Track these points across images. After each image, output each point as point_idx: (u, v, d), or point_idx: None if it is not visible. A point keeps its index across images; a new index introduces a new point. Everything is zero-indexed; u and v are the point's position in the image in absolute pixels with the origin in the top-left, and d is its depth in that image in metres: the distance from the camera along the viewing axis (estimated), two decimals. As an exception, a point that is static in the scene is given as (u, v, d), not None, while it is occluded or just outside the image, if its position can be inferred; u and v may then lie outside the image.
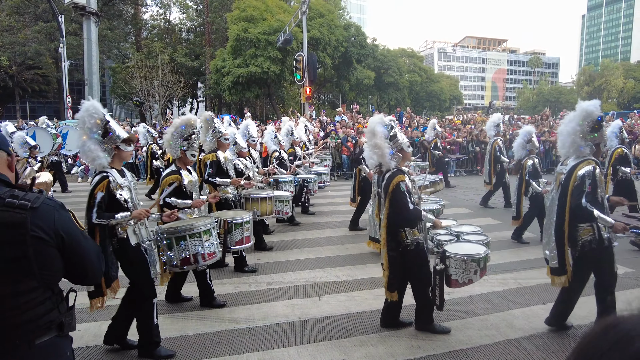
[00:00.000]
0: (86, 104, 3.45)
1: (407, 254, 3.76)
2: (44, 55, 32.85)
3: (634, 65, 70.09)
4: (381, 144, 3.78)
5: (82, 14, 15.75)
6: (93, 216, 3.29)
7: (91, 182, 3.44)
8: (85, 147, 3.39)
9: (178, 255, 3.77)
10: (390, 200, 3.71)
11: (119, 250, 3.47)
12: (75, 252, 1.72)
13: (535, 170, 6.63)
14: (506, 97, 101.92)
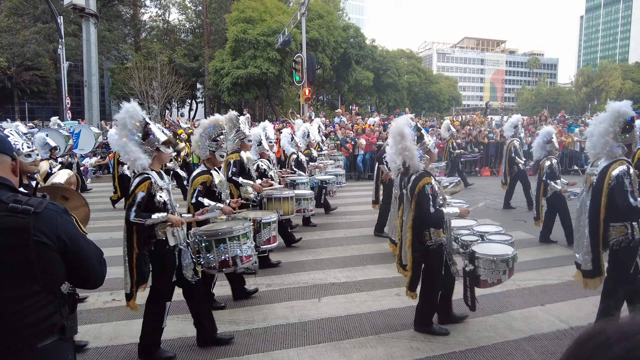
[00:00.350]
0: (127, 106, 3.49)
1: (428, 254, 3.81)
2: (43, 57, 32.84)
3: (632, 66, 70.26)
4: (411, 146, 3.80)
5: (81, 16, 15.76)
6: (131, 215, 3.31)
7: (132, 182, 3.48)
8: (127, 148, 3.42)
9: (217, 258, 3.81)
10: (416, 202, 3.75)
11: (154, 251, 3.51)
12: (78, 256, 1.73)
13: (552, 170, 6.58)
14: (505, 98, 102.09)
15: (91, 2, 15.51)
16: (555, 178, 6.59)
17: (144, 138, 3.45)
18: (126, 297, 3.50)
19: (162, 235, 3.45)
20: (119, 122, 3.48)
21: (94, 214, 9.22)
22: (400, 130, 3.83)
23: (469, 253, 3.77)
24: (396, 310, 4.45)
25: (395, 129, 3.89)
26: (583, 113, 38.53)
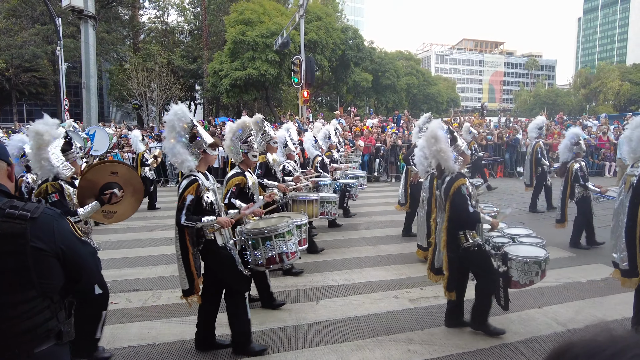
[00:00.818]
0: (175, 108, 3.54)
1: (469, 256, 3.84)
2: (41, 58, 32.80)
3: (629, 68, 70.43)
4: (446, 148, 3.85)
5: (79, 17, 15.73)
6: (182, 218, 3.36)
7: (179, 184, 3.51)
8: (175, 149, 3.47)
9: (264, 255, 3.87)
10: (451, 203, 3.78)
11: (204, 251, 3.56)
12: (74, 260, 1.73)
13: (583, 173, 6.48)
14: (503, 100, 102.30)
15: (89, 4, 15.49)
16: (585, 180, 6.46)
17: (191, 140, 3.52)
18: (184, 292, 3.56)
19: (211, 235, 3.52)
20: (167, 124, 3.54)
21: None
22: (434, 134, 3.88)
23: (502, 254, 3.81)
24: (394, 312, 4.46)
25: (429, 133, 3.95)
26: (581, 114, 38.61)
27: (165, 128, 3.61)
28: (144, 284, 5.34)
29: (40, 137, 3.37)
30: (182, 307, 4.62)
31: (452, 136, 4.01)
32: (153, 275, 5.64)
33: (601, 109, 54.48)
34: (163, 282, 5.40)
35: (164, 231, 7.93)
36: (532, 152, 9.44)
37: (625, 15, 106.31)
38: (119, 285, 5.29)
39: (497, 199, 10.91)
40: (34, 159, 3.46)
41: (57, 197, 3.31)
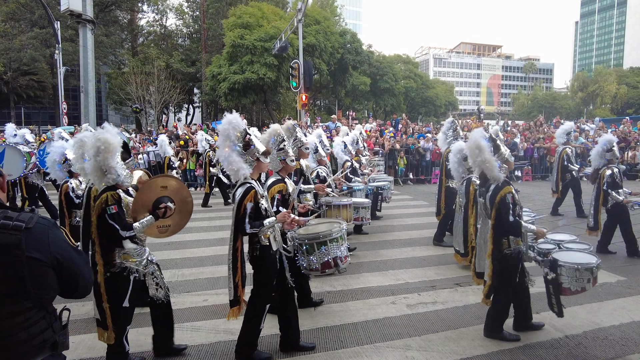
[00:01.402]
0: (229, 117, 3.58)
1: (504, 260, 3.84)
2: (40, 62, 32.82)
3: (626, 71, 70.81)
4: (490, 158, 3.87)
5: (77, 22, 15.74)
6: (247, 227, 3.40)
7: (234, 193, 3.55)
8: (231, 158, 3.52)
9: (319, 259, 3.94)
10: (497, 210, 3.79)
11: (259, 257, 3.57)
12: (70, 269, 1.73)
13: (614, 180, 6.37)
14: (501, 103, 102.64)
15: (88, 8, 15.51)
16: (617, 188, 6.35)
17: (245, 148, 3.56)
18: (231, 303, 3.54)
19: (266, 240, 3.55)
20: (221, 132, 3.58)
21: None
22: (478, 144, 3.90)
23: (551, 261, 3.78)
24: (391, 318, 4.45)
25: (471, 143, 3.96)
26: (578, 118, 38.73)
27: (219, 137, 3.64)
28: (141, 290, 5.32)
29: (108, 146, 3.36)
30: (179, 314, 4.60)
31: (494, 144, 4.01)
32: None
33: (599, 113, 54.68)
34: (160, 288, 5.38)
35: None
36: (559, 158, 9.29)
37: (622, 19, 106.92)
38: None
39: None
40: (94, 167, 3.42)
41: (116, 209, 3.29)
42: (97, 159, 3.36)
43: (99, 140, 3.35)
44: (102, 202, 3.29)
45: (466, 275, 5.72)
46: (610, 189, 6.38)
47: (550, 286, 3.78)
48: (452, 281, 5.52)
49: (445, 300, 4.91)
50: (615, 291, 5.21)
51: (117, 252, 3.39)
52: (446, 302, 4.87)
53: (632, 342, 3.95)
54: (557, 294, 3.78)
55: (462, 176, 5.81)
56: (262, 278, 3.61)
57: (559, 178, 9.32)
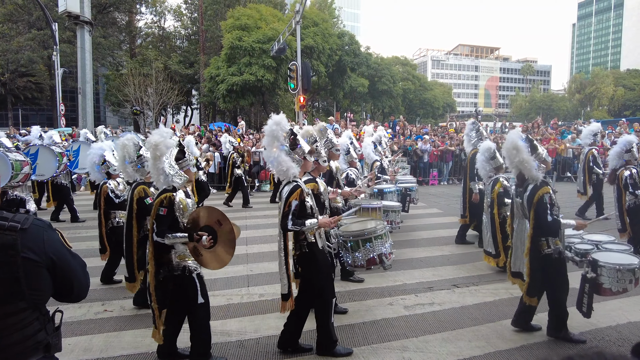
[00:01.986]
0: (276, 118, 3.66)
1: (549, 262, 3.85)
2: (37, 63, 32.77)
3: (623, 73, 71.07)
4: (528, 158, 3.89)
5: (75, 23, 15.76)
6: (289, 223, 3.49)
7: (281, 191, 3.65)
8: (280, 158, 3.60)
9: (365, 256, 4.00)
10: (535, 210, 3.81)
11: (308, 254, 3.62)
12: (64, 271, 1.73)
13: (634, 180, 6.27)
14: (499, 105, 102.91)
15: (86, 9, 15.53)
16: (635, 188, 6.26)
17: (292, 148, 3.66)
18: (283, 297, 3.66)
19: (312, 237, 3.63)
20: (269, 133, 3.63)
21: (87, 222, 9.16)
22: (515, 144, 3.92)
23: (591, 261, 3.78)
24: (389, 320, 4.45)
25: (509, 144, 3.97)
26: (576, 119, 38.87)
27: (266, 138, 3.70)
28: (138, 291, 5.31)
29: (156, 148, 3.46)
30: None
31: (531, 145, 4.04)
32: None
33: (596, 114, 54.86)
34: (157, 290, 5.37)
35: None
36: (585, 159, 9.15)
37: (618, 22, 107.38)
38: (113, 292, 5.26)
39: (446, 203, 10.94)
40: (153, 170, 3.57)
41: (164, 212, 3.37)
42: (151, 162, 3.53)
43: (148, 144, 3.51)
44: (157, 203, 3.42)
45: (463, 277, 5.73)
46: (630, 190, 6.27)
47: (586, 285, 3.75)
48: (449, 282, 5.53)
49: (442, 302, 4.91)
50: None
51: (173, 253, 3.47)
52: (443, 303, 4.88)
53: (628, 342, 3.96)
54: (592, 294, 3.75)
55: (489, 175, 5.83)
56: (315, 275, 3.68)
57: (586, 179, 9.13)
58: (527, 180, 3.96)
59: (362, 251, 4.00)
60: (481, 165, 5.95)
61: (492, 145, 6.04)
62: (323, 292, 3.67)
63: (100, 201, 5.34)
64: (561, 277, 3.91)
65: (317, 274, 3.67)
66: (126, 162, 4.54)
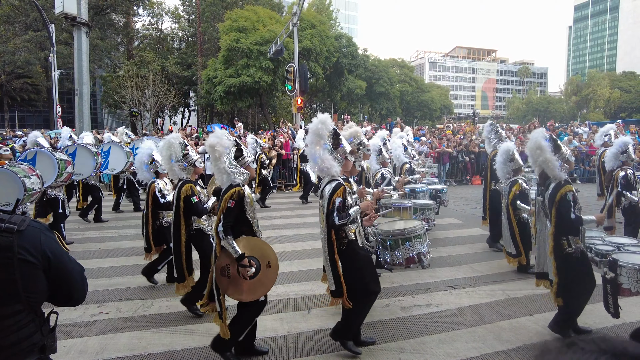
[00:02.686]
0: (320, 117, 3.75)
1: (572, 262, 3.87)
2: (34, 64, 32.68)
3: (619, 76, 71.49)
4: (551, 157, 3.92)
5: (72, 25, 15.72)
6: (336, 219, 3.54)
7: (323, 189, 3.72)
8: (324, 156, 3.68)
9: (404, 255, 4.10)
10: (557, 209, 3.83)
11: (348, 251, 3.67)
12: (62, 273, 1.72)
13: (628, 181, 6.32)
14: (496, 107, 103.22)
15: (83, 11, 15.50)
16: (631, 189, 6.30)
17: (334, 147, 3.76)
18: (332, 293, 3.69)
19: (352, 235, 3.69)
20: (314, 132, 3.71)
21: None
22: (539, 144, 3.96)
23: (611, 261, 3.79)
24: (385, 321, 4.45)
25: (532, 144, 4.01)
26: (572, 121, 39.05)
27: (310, 135, 3.76)
28: (134, 293, 5.29)
29: (214, 149, 3.58)
30: (173, 317, 4.59)
31: (555, 144, 4.06)
32: (144, 284, 5.59)
33: (592, 116, 55.14)
34: (154, 292, 5.35)
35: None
36: (599, 160, 9.03)
37: (614, 24, 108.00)
38: (109, 294, 5.24)
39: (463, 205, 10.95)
40: (215, 170, 3.69)
41: (233, 205, 3.53)
42: (213, 163, 3.62)
43: (206, 147, 3.62)
44: (227, 197, 3.52)
45: (460, 278, 5.74)
46: (625, 190, 6.35)
47: (608, 286, 3.77)
48: (446, 284, 5.53)
49: (439, 303, 4.91)
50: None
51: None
52: (440, 304, 4.88)
53: (624, 343, 3.97)
54: (615, 295, 3.77)
55: (507, 177, 5.85)
56: (355, 270, 3.70)
57: (602, 180, 8.96)
58: (549, 179, 3.98)
59: (402, 250, 4.09)
60: (500, 167, 5.98)
61: (512, 146, 6.05)
62: (367, 287, 3.71)
63: (148, 200, 5.37)
64: (587, 277, 3.90)
65: (357, 271, 3.71)
66: (172, 160, 4.59)
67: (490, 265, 6.28)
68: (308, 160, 3.92)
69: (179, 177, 4.62)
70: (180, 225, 4.49)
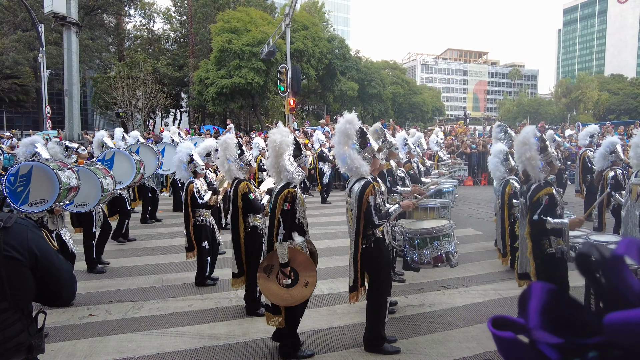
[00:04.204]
0: (348, 116, 3.72)
1: (552, 262, 3.86)
2: (23, 65, 32.29)
3: (607, 78, 72.46)
4: (535, 155, 3.90)
5: (62, 24, 15.54)
6: (375, 219, 3.55)
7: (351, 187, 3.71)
8: (353, 156, 3.68)
9: (432, 253, 4.10)
10: (532, 211, 3.84)
11: (374, 249, 3.68)
12: (49, 271, 1.69)
13: (617, 181, 6.36)
14: (487, 109, 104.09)
15: (73, 11, 15.33)
16: (620, 189, 6.30)
17: (362, 146, 3.73)
18: (350, 288, 3.71)
19: (380, 233, 3.69)
20: (342, 132, 3.69)
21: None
22: (527, 140, 3.94)
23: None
24: (379, 321, 4.42)
25: (521, 138, 4.00)
26: (562, 123, 39.48)
27: (337, 135, 3.74)
28: (124, 295, 5.22)
29: (279, 147, 3.62)
30: (163, 319, 4.53)
31: (543, 145, 4.03)
32: (134, 286, 5.52)
33: (581, 118, 55.81)
34: (144, 293, 5.28)
35: (146, 241, 7.80)
36: (580, 160, 9.26)
37: (602, 28, 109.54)
38: (99, 296, 5.16)
39: (458, 206, 11.01)
40: (273, 168, 3.72)
41: (289, 207, 3.53)
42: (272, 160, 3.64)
43: (273, 142, 3.63)
44: (282, 199, 3.53)
45: (453, 278, 5.74)
46: (614, 190, 6.38)
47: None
48: (439, 284, 5.53)
49: (432, 303, 4.91)
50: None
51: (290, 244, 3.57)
52: (433, 304, 4.88)
53: (615, 342, 4.00)
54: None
55: (503, 177, 5.89)
56: (378, 271, 3.73)
57: (581, 180, 9.25)
58: (530, 179, 3.99)
59: (430, 249, 4.10)
60: (495, 167, 6.00)
61: (505, 147, 6.11)
62: (382, 287, 3.75)
63: (187, 199, 5.40)
64: (561, 278, 3.91)
65: (380, 269, 3.73)
66: (229, 161, 4.62)
67: (483, 265, 6.30)
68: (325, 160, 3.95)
69: (235, 176, 4.65)
70: (239, 223, 4.52)
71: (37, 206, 4.25)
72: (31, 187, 4.25)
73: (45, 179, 4.29)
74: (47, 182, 4.29)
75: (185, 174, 5.63)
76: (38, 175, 4.28)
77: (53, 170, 4.31)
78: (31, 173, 4.27)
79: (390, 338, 3.93)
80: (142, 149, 8.36)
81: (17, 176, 4.22)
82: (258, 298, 4.61)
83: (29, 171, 4.27)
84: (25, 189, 4.23)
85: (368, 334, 3.80)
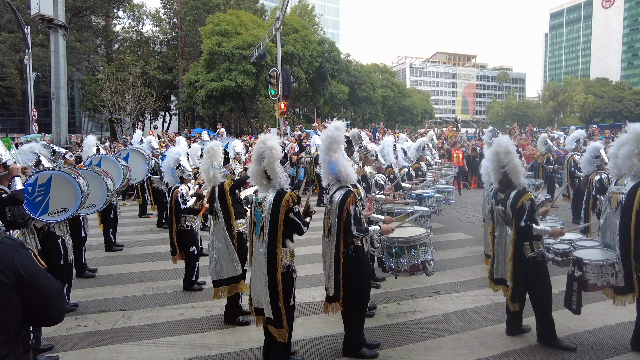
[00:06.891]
0: (336, 123, 3.70)
1: (532, 266, 3.90)
2: (8, 67, 31.75)
3: (593, 82, 73.74)
4: (519, 162, 3.94)
5: (49, 27, 15.32)
6: (353, 229, 3.52)
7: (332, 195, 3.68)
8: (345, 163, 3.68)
9: (409, 262, 4.12)
10: (517, 217, 3.85)
11: (354, 258, 3.66)
12: (37, 292, 1.64)
13: (602, 185, 6.42)
14: (476, 111, 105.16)
15: (60, 13, 15.12)
16: (603, 192, 6.31)
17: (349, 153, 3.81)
18: (328, 299, 3.68)
19: (359, 242, 3.69)
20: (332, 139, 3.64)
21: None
22: (508, 149, 3.96)
23: (576, 260, 3.85)
24: (371, 329, 4.40)
25: (503, 148, 4.00)
26: (549, 126, 40.04)
27: (325, 142, 3.68)
28: (114, 304, 5.14)
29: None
30: (154, 329, 4.46)
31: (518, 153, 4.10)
32: (124, 294, 5.44)
33: (568, 121, 56.68)
34: (134, 302, 5.20)
35: (135, 247, 7.70)
36: (567, 164, 9.44)
37: (588, 32, 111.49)
38: (87, 306, 5.07)
39: (452, 208, 11.08)
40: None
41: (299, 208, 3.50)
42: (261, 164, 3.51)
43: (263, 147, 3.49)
44: (287, 202, 3.43)
45: (444, 284, 5.76)
46: (599, 194, 6.46)
47: (574, 284, 3.83)
48: (431, 290, 5.54)
49: (424, 309, 4.91)
50: (588, 296, 5.31)
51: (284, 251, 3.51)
52: (425, 310, 4.88)
53: (605, 347, 4.03)
54: (580, 292, 3.84)
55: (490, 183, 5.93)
56: (357, 279, 3.70)
57: (568, 184, 9.43)
58: (510, 187, 4.01)
59: (407, 257, 4.13)
60: (486, 172, 6.04)
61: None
62: (362, 295, 3.74)
63: (171, 204, 5.41)
64: (544, 280, 3.97)
65: (360, 277, 3.72)
66: (214, 167, 4.58)
67: (474, 270, 6.32)
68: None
69: (216, 183, 4.61)
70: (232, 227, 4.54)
71: (57, 215, 4.16)
72: (51, 197, 4.14)
73: (66, 187, 4.20)
74: (67, 191, 4.20)
75: (172, 178, 5.67)
76: (58, 183, 4.19)
77: (75, 179, 4.23)
78: (50, 182, 4.17)
79: (371, 343, 3.96)
80: (131, 154, 8.30)
81: (35, 185, 4.11)
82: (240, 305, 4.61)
83: (48, 180, 4.17)
84: (44, 198, 4.12)
85: (347, 340, 3.83)
